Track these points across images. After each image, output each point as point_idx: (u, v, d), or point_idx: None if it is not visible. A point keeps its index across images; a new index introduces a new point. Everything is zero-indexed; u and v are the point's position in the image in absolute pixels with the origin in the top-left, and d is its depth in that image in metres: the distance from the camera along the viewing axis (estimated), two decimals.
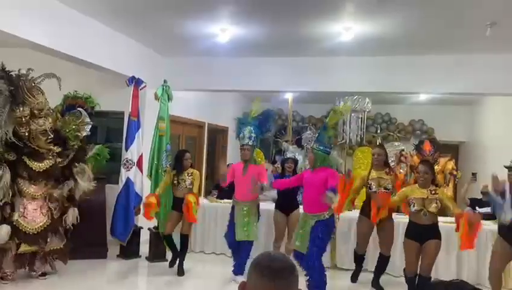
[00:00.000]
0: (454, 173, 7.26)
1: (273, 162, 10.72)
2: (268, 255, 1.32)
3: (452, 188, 7.32)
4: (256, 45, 6.22)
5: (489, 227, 5.66)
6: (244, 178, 5.09)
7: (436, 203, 4.44)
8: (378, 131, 10.64)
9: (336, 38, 5.64)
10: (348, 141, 9.75)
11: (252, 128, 5.18)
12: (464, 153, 10.83)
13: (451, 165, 7.27)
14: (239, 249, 5.12)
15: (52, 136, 5.02)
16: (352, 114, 9.48)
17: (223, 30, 5.54)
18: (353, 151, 9.93)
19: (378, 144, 8.72)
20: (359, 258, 5.34)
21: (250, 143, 5.15)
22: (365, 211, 5.05)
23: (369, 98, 9.41)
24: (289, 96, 9.67)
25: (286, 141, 10.47)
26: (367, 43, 5.85)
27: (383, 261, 5.13)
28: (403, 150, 8.96)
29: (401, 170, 8.52)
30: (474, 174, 7.00)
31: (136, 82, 6.00)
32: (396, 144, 10.19)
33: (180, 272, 5.36)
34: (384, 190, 4.94)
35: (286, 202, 5.51)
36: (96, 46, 5.63)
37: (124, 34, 6.13)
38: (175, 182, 5.38)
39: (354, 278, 5.34)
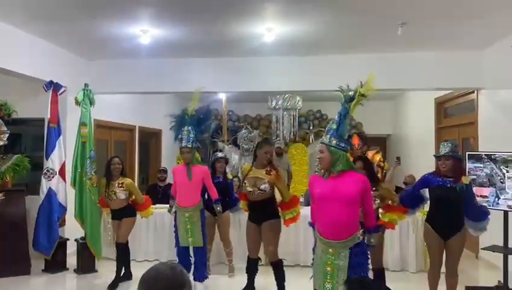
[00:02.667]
0: (382, 164, 7.60)
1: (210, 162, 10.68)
2: (156, 272, 1.28)
3: (381, 178, 7.69)
4: (181, 45, 6.16)
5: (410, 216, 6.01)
6: (189, 183, 4.77)
7: (375, 200, 4.17)
8: (311, 127, 10.92)
9: (259, 38, 5.71)
10: (281, 138, 9.92)
11: (190, 129, 4.81)
12: (391, 145, 11.42)
13: (379, 157, 7.59)
14: (187, 257, 4.86)
15: None
16: (285, 112, 9.67)
17: (144, 31, 5.43)
18: (287, 148, 10.12)
19: (265, 138, 7.81)
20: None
21: (189, 145, 4.76)
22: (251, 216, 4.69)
23: (299, 96, 9.64)
24: (223, 96, 9.68)
25: (222, 141, 10.49)
26: (290, 43, 5.98)
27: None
28: None
29: None
30: (398, 158, 7.40)
31: (54, 87, 5.72)
32: None
33: (113, 287, 5.06)
34: (259, 191, 4.46)
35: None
36: (12, 52, 5.33)
37: (42, 39, 5.85)
38: (106, 194, 5.13)
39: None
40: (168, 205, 5.97)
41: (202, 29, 5.51)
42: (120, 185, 5.06)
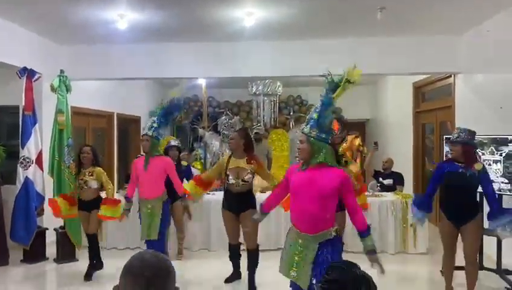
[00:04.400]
0: (361, 148, 7.69)
1: (191, 150, 10.65)
2: (140, 260, 1.26)
3: (360, 163, 7.80)
4: (159, 30, 6.04)
5: (389, 198, 6.14)
6: (146, 173, 4.63)
7: None
8: (291, 113, 10.95)
9: (239, 23, 5.65)
10: (262, 124, 9.92)
11: (154, 118, 4.74)
12: (370, 130, 11.55)
13: (357, 141, 7.66)
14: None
15: None
16: (265, 98, 9.66)
17: (121, 16, 5.29)
18: (268, 134, 10.14)
19: (241, 128, 7.83)
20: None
21: (149, 133, 4.62)
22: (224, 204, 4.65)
23: (280, 82, 9.63)
24: (202, 81, 9.59)
25: (202, 128, 10.43)
26: (270, 28, 5.94)
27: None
28: None
29: None
30: (376, 143, 7.49)
31: (28, 73, 5.56)
32: None
33: (88, 276, 4.99)
34: (243, 182, 4.42)
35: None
36: None
37: (15, 23, 5.66)
38: (77, 184, 4.98)
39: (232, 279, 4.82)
40: None
41: (180, 13, 5.41)
42: (90, 174, 4.91)
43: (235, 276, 4.83)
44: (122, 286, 1.24)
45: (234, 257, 4.79)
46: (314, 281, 2.90)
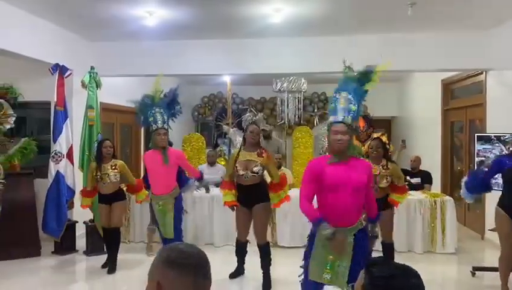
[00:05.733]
0: (387, 147, 7.59)
1: (215, 146, 10.71)
2: (180, 251, 1.26)
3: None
4: (187, 27, 6.09)
5: (417, 197, 6.04)
6: (165, 167, 4.55)
7: (387, 179, 4.34)
8: (315, 110, 10.88)
9: (266, 19, 5.65)
10: (286, 121, 9.90)
11: (162, 111, 4.62)
12: (396, 127, 11.38)
13: (384, 139, 7.58)
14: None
15: None
16: (289, 95, 9.63)
17: (150, 13, 5.36)
18: (292, 131, 10.11)
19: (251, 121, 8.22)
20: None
21: (165, 127, 4.59)
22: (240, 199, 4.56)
23: (304, 79, 9.58)
24: (227, 78, 9.63)
25: (227, 124, 10.47)
26: (297, 25, 5.91)
27: None
28: None
29: None
30: (403, 141, 7.39)
31: (60, 70, 5.69)
32: None
33: (112, 269, 5.05)
34: (252, 174, 4.39)
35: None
36: (15, 34, 5.26)
37: (46, 20, 5.78)
38: (97, 177, 4.97)
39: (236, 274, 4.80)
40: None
41: (209, 10, 5.44)
42: (114, 167, 4.96)
43: (239, 271, 4.80)
44: (165, 276, 1.22)
45: (241, 252, 4.74)
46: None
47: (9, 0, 5.02)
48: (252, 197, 4.45)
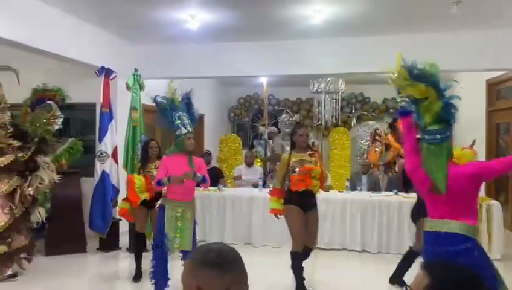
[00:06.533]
0: None
1: (251, 147, 10.78)
2: (216, 251, 1.23)
3: None
4: (227, 30, 6.17)
5: None
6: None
7: None
8: (353, 111, 10.76)
9: (306, 21, 5.64)
10: (323, 122, 9.84)
11: (185, 114, 4.38)
12: None
13: None
14: (165, 263, 4.22)
15: (11, 130, 4.89)
16: (326, 96, 9.56)
17: (193, 16, 5.47)
18: (329, 132, 10.04)
19: (297, 122, 8.12)
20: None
21: (191, 130, 4.33)
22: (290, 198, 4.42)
23: (342, 79, 9.50)
24: (264, 80, 9.67)
25: (263, 125, 10.51)
26: (337, 25, 5.87)
27: None
28: (377, 129, 9.14)
29: (376, 149, 8.73)
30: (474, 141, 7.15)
31: (106, 72, 5.89)
32: (370, 123, 10.40)
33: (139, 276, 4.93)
34: None
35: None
36: (62, 37, 5.49)
37: (91, 24, 5.99)
38: (142, 176, 4.92)
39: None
40: (213, 188, 6.08)
41: (249, 12, 5.49)
42: (157, 167, 4.86)
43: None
44: (207, 280, 1.19)
45: (299, 266, 4.29)
46: None
47: (57, 6, 5.24)
48: (309, 200, 4.36)
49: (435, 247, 2.78)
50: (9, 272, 4.77)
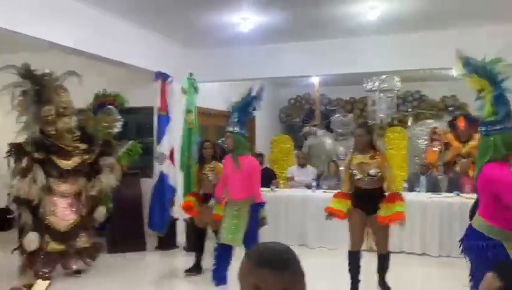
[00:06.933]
0: None
1: (300, 148, 10.71)
2: (271, 249, 1.24)
3: None
4: (278, 31, 6.17)
5: None
6: (237, 172, 4.31)
7: None
8: (409, 110, 10.40)
9: (360, 18, 5.53)
10: (378, 121, 9.59)
11: (236, 113, 4.45)
12: None
13: None
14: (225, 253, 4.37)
15: (77, 133, 5.16)
16: (381, 94, 9.31)
17: (245, 19, 5.52)
18: (384, 132, 9.75)
19: (360, 123, 8.00)
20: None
21: (230, 129, 4.40)
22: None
23: (397, 77, 9.22)
24: (315, 79, 9.59)
25: (315, 126, 10.41)
26: (392, 21, 5.70)
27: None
28: (435, 127, 8.79)
29: (434, 148, 8.39)
30: None
31: (162, 77, 6.09)
32: (428, 121, 9.99)
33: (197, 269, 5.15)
34: (369, 177, 4.14)
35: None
36: (120, 43, 5.73)
37: (147, 29, 6.20)
38: (199, 177, 5.17)
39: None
40: (266, 189, 6.12)
41: (300, 12, 5.46)
42: (211, 168, 5.10)
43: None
44: (264, 278, 1.19)
45: (355, 266, 4.25)
46: None
47: (115, 13, 5.46)
48: (371, 203, 4.16)
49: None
50: (74, 268, 5.02)
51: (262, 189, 5.81)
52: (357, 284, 4.28)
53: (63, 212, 4.91)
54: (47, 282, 1.82)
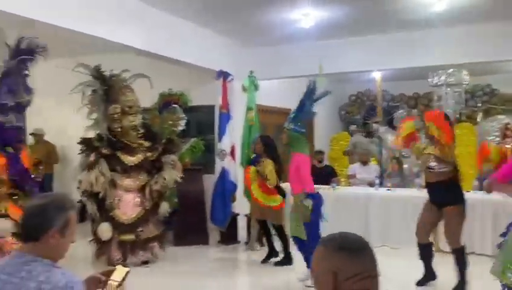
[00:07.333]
0: None
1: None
2: (348, 238, 1.32)
3: None
4: (339, 26, 6.09)
5: None
6: (291, 169, 4.51)
7: None
8: (479, 104, 9.82)
9: (426, 9, 5.33)
10: None
11: (294, 110, 4.64)
12: None
13: None
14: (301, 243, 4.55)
15: (142, 131, 5.39)
16: (448, 88, 8.89)
17: (306, 15, 5.51)
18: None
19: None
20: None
21: (285, 125, 4.54)
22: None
23: (466, 70, 8.75)
24: (377, 75, 9.33)
25: (376, 122, 10.14)
26: (460, 12, 5.44)
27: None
28: (508, 123, 8.24)
29: (507, 145, 7.88)
30: None
31: (223, 75, 6.24)
32: (500, 117, 9.38)
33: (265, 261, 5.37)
34: (429, 169, 4.18)
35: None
36: (185, 44, 5.94)
37: (209, 29, 6.37)
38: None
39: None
40: (327, 187, 6.14)
41: (361, 6, 5.37)
42: (260, 164, 5.23)
43: (427, 278, 4.40)
44: (344, 265, 1.24)
45: (423, 256, 4.39)
46: None
47: (178, 15, 5.67)
48: (441, 195, 4.16)
49: None
50: (142, 259, 5.25)
51: (322, 187, 5.84)
52: (430, 271, 4.35)
53: (127, 206, 5.16)
54: (127, 269, 1.94)
